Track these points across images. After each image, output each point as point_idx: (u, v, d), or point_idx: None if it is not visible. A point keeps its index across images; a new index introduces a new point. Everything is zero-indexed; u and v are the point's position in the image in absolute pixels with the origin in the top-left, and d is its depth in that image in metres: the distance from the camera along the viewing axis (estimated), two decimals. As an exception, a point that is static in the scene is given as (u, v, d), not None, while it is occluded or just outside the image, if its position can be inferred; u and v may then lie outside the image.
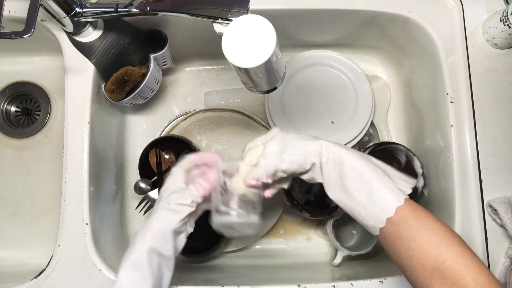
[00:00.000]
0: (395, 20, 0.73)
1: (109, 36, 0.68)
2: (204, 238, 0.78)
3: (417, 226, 0.44)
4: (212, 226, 0.56)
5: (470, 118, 0.68)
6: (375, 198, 0.46)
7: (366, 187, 0.46)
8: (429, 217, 0.45)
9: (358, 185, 0.47)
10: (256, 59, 0.47)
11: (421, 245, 0.43)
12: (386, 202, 0.45)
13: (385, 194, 0.45)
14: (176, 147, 0.80)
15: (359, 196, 0.47)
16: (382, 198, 0.45)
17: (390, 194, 0.46)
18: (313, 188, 0.80)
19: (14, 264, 0.81)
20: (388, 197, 0.45)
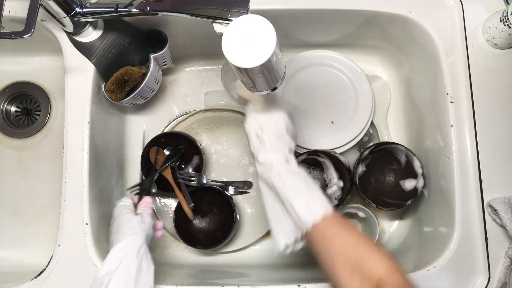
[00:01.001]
0: (395, 20, 0.73)
1: (109, 36, 0.68)
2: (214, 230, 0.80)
3: (338, 230, 0.51)
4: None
5: (470, 118, 0.68)
6: (309, 203, 0.53)
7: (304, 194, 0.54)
8: (347, 223, 0.52)
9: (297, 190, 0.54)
10: (256, 59, 0.47)
11: (342, 243, 0.50)
12: (316, 208, 0.52)
13: (318, 201, 0.53)
14: (177, 144, 0.80)
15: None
16: (314, 204, 0.52)
17: (322, 202, 0.53)
18: (313, 188, 0.80)
19: (14, 264, 0.81)
20: (319, 203, 0.53)
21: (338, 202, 0.76)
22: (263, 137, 0.58)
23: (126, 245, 0.56)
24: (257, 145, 0.59)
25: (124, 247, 0.56)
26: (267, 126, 0.59)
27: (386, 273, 0.46)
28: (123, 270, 0.54)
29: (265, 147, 0.57)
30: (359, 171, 0.78)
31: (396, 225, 0.83)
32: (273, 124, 0.59)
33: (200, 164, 0.80)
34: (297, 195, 0.53)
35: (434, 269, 0.64)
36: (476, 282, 0.64)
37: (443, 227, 0.69)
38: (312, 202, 0.53)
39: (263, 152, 0.57)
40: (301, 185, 0.55)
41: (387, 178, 0.81)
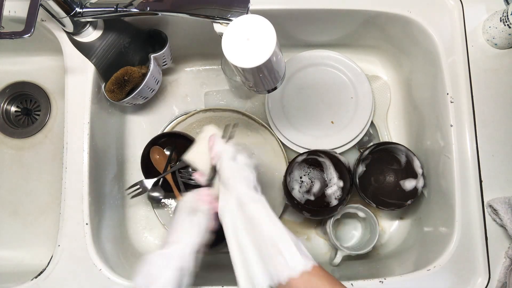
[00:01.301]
0: (395, 20, 0.73)
1: (109, 36, 0.68)
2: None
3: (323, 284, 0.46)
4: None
5: (470, 118, 0.68)
6: (287, 255, 0.47)
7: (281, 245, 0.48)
8: (332, 282, 0.46)
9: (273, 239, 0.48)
10: (256, 59, 0.47)
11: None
12: (295, 261, 0.46)
13: (296, 255, 0.47)
14: (177, 144, 0.80)
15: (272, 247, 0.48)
16: (292, 256, 0.47)
17: (301, 256, 0.47)
18: (313, 188, 0.80)
19: (14, 264, 0.81)
20: (297, 257, 0.47)
21: (338, 202, 0.76)
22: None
23: (169, 256, 0.52)
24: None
25: (165, 258, 0.51)
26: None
27: None
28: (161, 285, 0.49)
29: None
30: (359, 171, 0.78)
31: (396, 225, 0.83)
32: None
33: None
34: (283, 235, 0.48)
35: (434, 269, 0.64)
36: (476, 282, 0.64)
37: (443, 227, 0.69)
38: (300, 248, 0.48)
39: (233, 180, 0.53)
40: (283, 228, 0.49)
41: (387, 178, 0.81)
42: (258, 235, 0.49)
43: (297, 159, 0.77)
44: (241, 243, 0.50)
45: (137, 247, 0.81)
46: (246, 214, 0.51)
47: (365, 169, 0.80)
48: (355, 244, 0.82)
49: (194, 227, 0.55)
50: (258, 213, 0.50)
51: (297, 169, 0.80)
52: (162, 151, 0.79)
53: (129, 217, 0.83)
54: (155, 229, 0.83)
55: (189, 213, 0.56)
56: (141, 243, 0.82)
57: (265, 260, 0.48)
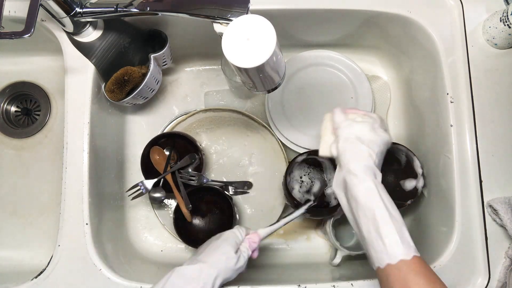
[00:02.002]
0: (395, 20, 0.73)
1: (109, 36, 0.68)
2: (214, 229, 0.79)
3: (417, 281, 0.45)
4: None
5: (470, 118, 0.68)
6: (386, 240, 0.47)
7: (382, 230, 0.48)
8: (438, 281, 0.46)
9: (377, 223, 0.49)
10: (256, 59, 0.47)
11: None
12: (393, 247, 0.47)
13: (396, 239, 0.47)
14: (177, 144, 0.80)
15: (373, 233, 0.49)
16: (391, 242, 0.47)
17: (402, 242, 0.47)
18: (313, 188, 0.80)
19: (14, 264, 0.81)
20: (397, 242, 0.47)
21: (338, 202, 0.76)
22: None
23: (198, 273, 0.54)
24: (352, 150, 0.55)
25: (194, 275, 0.54)
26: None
27: None
28: None
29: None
30: (359, 171, 0.78)
31: (396, 225, 0.83)
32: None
33: (200, 164, 0.80)
34: (385, 220, 0.48)
35: (434, 269, 0.63)
36: (476, 282, 0.64)
37: (443, 227, 0.69)
38: (403, 235, 0.48)
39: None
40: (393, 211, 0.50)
41: (387, 178, 0.81)
42: (363, 218, 0.50)
43: (297, 159, 0.77)
44: (353, 220, 0.52)
45: (137, 247, 0.81)
46: (351, 194, 0.52)
47: (365, 169, 0.80)
48: (355, 244, 0.82)
49: (231, 260, 0.57)
50: (361, 195, 0.51)
51: (297, 169, 0.80)
52: (162, 151, 0.79)
53: (129, 217, 0.83)
54: (155, 229, 0.83)
55: (233, 247, 0.58)
56: (141, 243, 0.82)
57: (370, 242, 0.49)
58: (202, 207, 0.81)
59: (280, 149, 0.81)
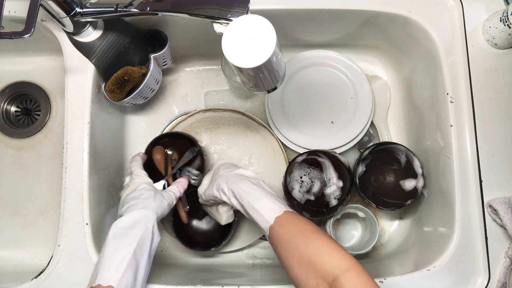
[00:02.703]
0: (395, 20, 0.73)
1: (109, 36, 0.68)
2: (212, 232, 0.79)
3: (290, 230, 0.52)
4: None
5: (470, 118, 0.68)
6: (260, 210, 0.55)
7: (254, 204, 0.56)
8: (301, 220, 0.53)
9: (249, 205, 0.57)
10: (256, 59, 0.47)
11: (294, 244, 0.50)
12: (268, 213, 0.54)
13: (268, 208, 0.55)
14: (179, 144, 0.79)
15: (252, 212, 0.57)
16: (265, 211, 0.55)
17: (273, 207, 0.55)
18: (313, 188, 0.80)
19: (14, 264, 0.81)
20: (269, 210, 0.55)
21: (338, 202, 0.76)
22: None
23: (138, 218, 0.58)
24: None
25: (135, 220, 0.58)
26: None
27: (343, 274, 0.45)
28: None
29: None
30: (359, 171, 0.78)
31: (396, 225, 0.83)
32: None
33: (202, 165, 0.79)
34: (259, 198, 0.56)
35: (434, 269, 0.64)
36: (476, 282, 0.64)
37: (443, 227, 0.69)
38: (273, 201, 0.55)
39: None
40: (257, 189, 0.58)
41: (387, 178, 0.81)
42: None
43: (297, 159, 0.77)
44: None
45: (137, 247, 0.81)
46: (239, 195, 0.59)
47: (365, 169, 0.80)
48: (355, 244, 0.82)
49: (164, 200, 0.64)
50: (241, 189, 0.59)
51: (297, 169, 0.80)
52: (163, 151, 0.79)
53: (129, 217, 0.83)
54: (155, 229, 0.83)
55: (154, 191, 0.65)
56: (141, 243, 0.82)
57: (255, 218, 0.56)
58: (201, 209, 0.80)
59: (280, 149, 0.81)
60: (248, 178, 0.61)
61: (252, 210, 0.56)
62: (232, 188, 0.60)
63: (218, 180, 0.63)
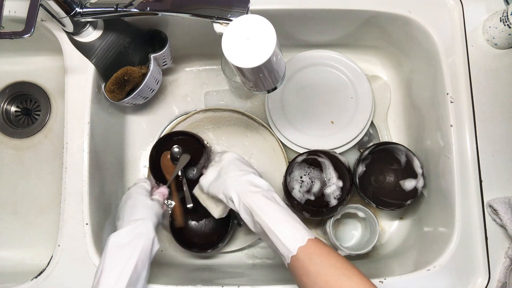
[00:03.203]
0: (395, 20, 0.73)
1: (109, 36, 0.68)
2: (210, 233, 0.79)
3: (320, 262, 0.49)
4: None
5: (470, 118, 0.68)
6: (281, 237, 0.51)
7: (274, 229, 0.52)
8: (331, 253, 0.50)
9: (267, 227, 0.53)
10: (256, 59, 0.47)
11: (326, 279, 0.47)
12: (290, 241, 0.50)
13: (290, 235, 0.51)
14: (185, 143, 0.79)
15: (271, 235, 0.52)
16: (286, 238, 0.51)
17: (295, 235, 0.51)
18: (313, 188, 0.80)
19: (14, 264, 0.81)
20: (292, 237, 0.51)
21: (338, 201, 0.76)
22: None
23: (139, 230, 0.58)
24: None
25: (136, 232, 0.58)
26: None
27: None
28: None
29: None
30: (359, 171, 0.78)
31: (396, 225, 0.83)
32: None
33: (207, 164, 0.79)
34: (278, 222, 0.53)
35: (434, 269, 0.64)
36: (476, 282, 0.64)
37: (443, 227, 0.69)
38: (295, 226, 0.52)
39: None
40: (281, 213, 0.54)
41: (387, 178, 0.81)
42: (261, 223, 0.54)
43: (297, 159, 0.77)
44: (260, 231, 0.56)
45: (137, 247, 0.81)
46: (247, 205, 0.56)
47: (365, 169, 0.80)
48: (355, 244, 0.82)
49: (154, 208, 0.63)
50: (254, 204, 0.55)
51: (297, 169, 0.80)
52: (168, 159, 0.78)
53: (129, 217, 0.83)
54: (155, 229, 0.83)
55: (148, 197, 0.65)
56: (141, 243, 0.82)
57: (275, 243, 0.52)
58: (199, 210, 0.80)
59: (280, 149, 0.81)
60: (261, 191, 0.56)
61: (271, 234, 0.52)
62: (244, 202, 0.55)
63: (226, 183, 0.59)
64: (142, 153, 0.85)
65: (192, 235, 0.80)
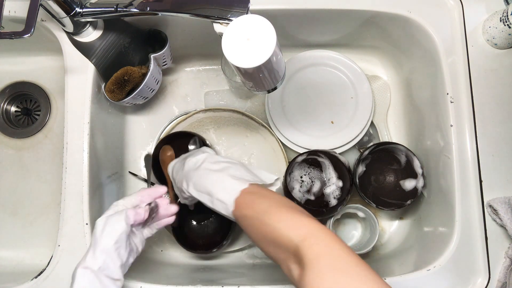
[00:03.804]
0: (395, 20, 0.73)
1: (109, 36, 0.68)
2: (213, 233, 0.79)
3: (248, 214, 0.50)
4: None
5: (470, 118, 0.68)
6: (219, 196, 0.53)
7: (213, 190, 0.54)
8: (257, 199, 0.51)
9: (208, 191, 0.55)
10: (256, 59, 0.47)
11: (256, 229, 0.49)
12: (225, 196, 0.52)
13: (227, 188, 0.53)
14: (187, 143, 0.79)
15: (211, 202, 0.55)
16: (222, 195, 0.53)
17: (231, 187, 0.53)
18: (313, 188, 0.80)
19: (14, 264, 0.81)
20: (228, 190, 0.53)
21: (338, 201, 0.76)
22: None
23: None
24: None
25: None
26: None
27: (301, 243, 0.42)
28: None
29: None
30: (359, 171, 0.78)
31: (396, 225, 0.83)
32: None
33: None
34: (220, 187, 0.54)
35: (434, 269, 0.64)
36: (476, 282, 0.64)
37: (443, 227, 0.69)
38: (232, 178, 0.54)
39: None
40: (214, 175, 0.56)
41: (387, 178, 0.81)
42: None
43: (297, 159, 0.77)
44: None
45: (137, 247, 0.81)
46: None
47: (365, 169, 0.80)
48: (355, 244, 0.82)
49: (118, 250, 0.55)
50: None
51: (297, 169, 0.80)
52: (171, 151, 0.76)
53: (129, 217, 0.82)
54: (155, 229, 0.83)
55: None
56: (141, 243, 0.82)
57: (216, 206, 0.54)
58: (201, 210, 0.80)
59: (280, 149, 0.81)
60: (204, 164, 0.58)
61: (213, 200, 0.54)
62: (187, 179, 0.58)
63: (183, 171, 0.61)
64: (142, 153, 0.86)
65: (196, 237, 0.80)
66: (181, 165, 0.63)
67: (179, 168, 0.63)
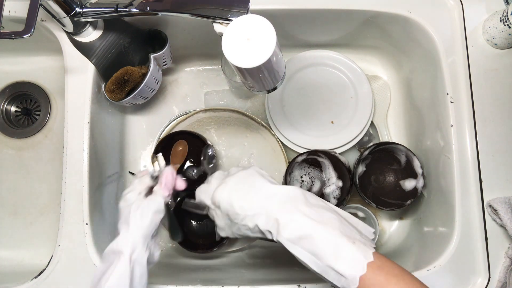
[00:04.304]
0: (395, 20, 0.73)
1: (109, 36, 0.68)
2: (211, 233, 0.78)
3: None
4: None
5: (470, 118, 0.68)
6: (338, 267, 0.43)
7: (327, 256, 0.44)
8: (395, 268, 0.44)
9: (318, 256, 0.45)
10: (256, 59, 0.47)
11: None
12: (348, 270, 0.43)
13: (344, 264, 0.43)
14: (188, 142, 0.78)
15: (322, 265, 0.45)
16: (343, 268, 0.43)
17: (352, 261, 0.43)
18: (313, 188, 0.80)
19: (14, 264, 0.81)
20: (350, 264, 0.43)
21: (338, 201, 0.76)
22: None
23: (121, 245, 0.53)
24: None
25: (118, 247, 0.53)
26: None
27: None
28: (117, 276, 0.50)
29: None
30: (359, 171, 0.78)
31: (396, 225, 0.83)
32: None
33: (215, 166, 0.78)
34: (334, 251, 0.44)
35: (434, 269, 0.64)
36: (476, 282, 0.64)
37: (443, 227, 0.69)
38: (349, 248, 0.44)
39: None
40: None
41: (387, 178, 0.81)
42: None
43: (297, 159, 0.77)
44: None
45: (137, 247, 0.81)
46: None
47: (365, 169, 0.80)
48: (355, 244, 0.82)
49: (154, 216, 0.57)
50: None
51: (297, 169, 0.80)
52: (185, 146, 0.75)
53: (129, 217, 0.82)
54: (155, 229, 0.83)
55: (142, 198, 0.58)
56: (141, 243, 0.82)
57: (326, 276, 0.44)
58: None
59: (280, 149, 0.81)
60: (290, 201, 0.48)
61: (324, 267, 0.44)
62: (273, 217, 0.47)
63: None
64: (142, 153, 0.86)
65: (196, 236, 0.80)
66: (249, 189, 0.52)
67: (241, 189, 0.52)
